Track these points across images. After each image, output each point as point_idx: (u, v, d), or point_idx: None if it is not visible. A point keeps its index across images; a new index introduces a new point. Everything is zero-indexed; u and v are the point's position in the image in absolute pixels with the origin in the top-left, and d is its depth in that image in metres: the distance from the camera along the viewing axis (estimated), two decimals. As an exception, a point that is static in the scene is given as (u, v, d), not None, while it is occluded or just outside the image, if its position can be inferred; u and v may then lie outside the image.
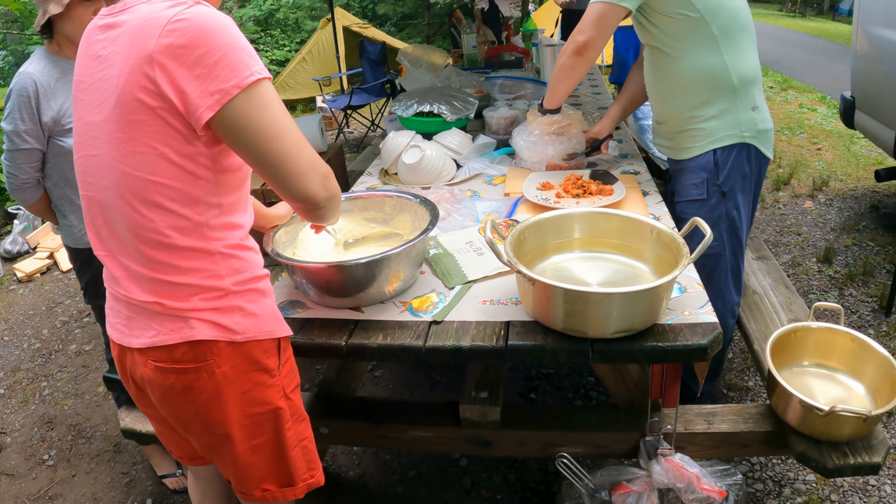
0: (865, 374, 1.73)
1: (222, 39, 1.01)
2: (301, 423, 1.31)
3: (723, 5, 1.84)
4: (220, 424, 1.20)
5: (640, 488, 1.60)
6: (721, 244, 1.98)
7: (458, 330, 1.36)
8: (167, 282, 1.13)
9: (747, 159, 1.94)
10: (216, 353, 1.15)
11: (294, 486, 1.31)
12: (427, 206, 1.61)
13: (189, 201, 1.10)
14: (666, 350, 1.26)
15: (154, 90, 1.02)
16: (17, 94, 1.79)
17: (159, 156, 1.06)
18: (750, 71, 1.91)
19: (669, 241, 1.38)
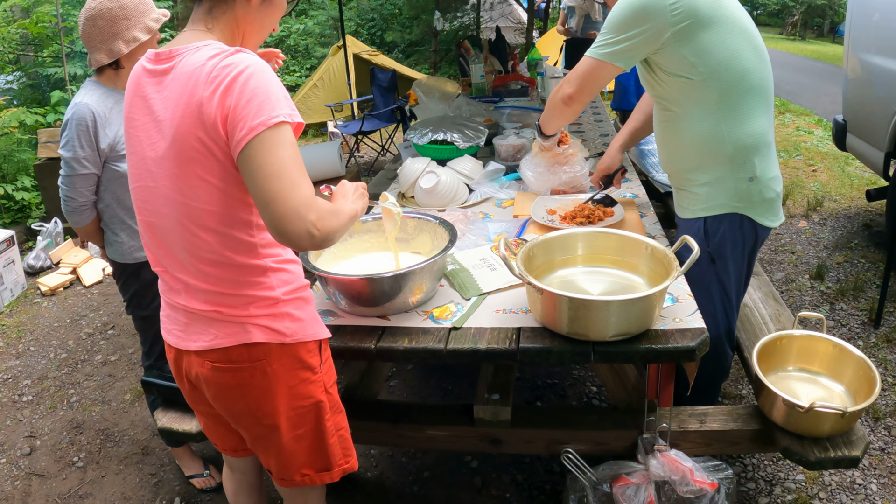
0: (845, 376, 1.89)
1: (257, 83, 1.15)
2: (338, 415, 1.48)
3: (728, 67, 1.75)
4: (270, 416, 1.37)
5: (639, 481, 1.75)
6: (713, 305, 1.96)
7: (475, 335, 1.54)
8: (225, 293, 1.29)
9: (739, 229, 1.89)
10: (268, 353, 1.32)
11: (331, 471, 1.48)
12: (446, 227, 1.79)
13: (241, 225, 1.26)
14: (659, 351, 1.43)
15: (203, 131, 1.17)
16: (76, 123, 1.95)
17: (211, 187, 1.22)
18: (751, 138, 1.81)
19: (661, 256, 1.56)
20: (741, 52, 1.76)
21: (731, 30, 1.75)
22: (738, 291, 2.01)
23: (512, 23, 15.05)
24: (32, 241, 5.18)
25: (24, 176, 5.84)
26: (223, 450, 1.65)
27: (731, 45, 1.74)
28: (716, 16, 1.73)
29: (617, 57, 1.79)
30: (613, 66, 1.80)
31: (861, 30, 4.08)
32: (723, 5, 1.76)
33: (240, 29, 1.31)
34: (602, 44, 1.81)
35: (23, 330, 3.94)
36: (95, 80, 2.06)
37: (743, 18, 1.82)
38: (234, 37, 1.30)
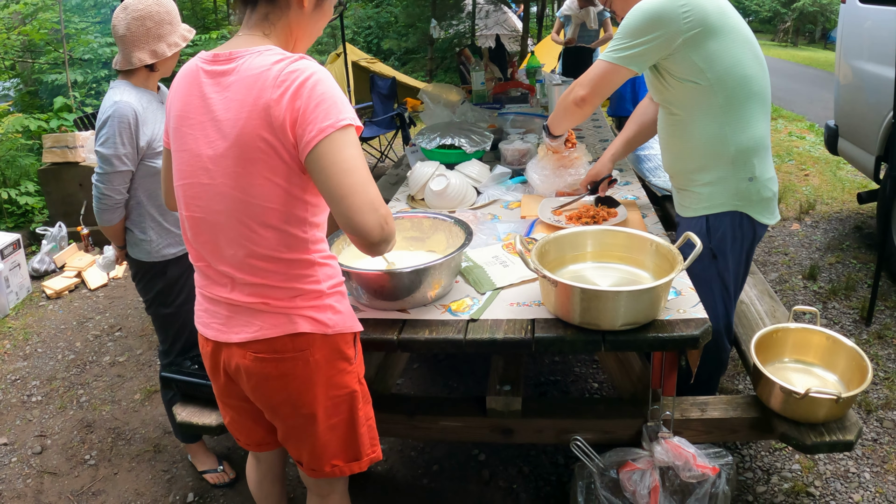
0: (838, 366, 1.99)
1: (324, 89, 1.24)
2: (368, 406, 1.54)
3: (732, 74, 1.84)
4: (309, 405, 1.43)
5: (644, 466, 1.83)
6: (713, 299, 2.05)
7: (492, 326, 1.62)
8: (274, 286, 1.35)
9: (739, 226, 1.98)
10: (312, 343, 1.38)
11: (360, 461, 1.54)
12: (461, 226, 1.87)
13: (297, 222, 1.33)
14: (665, 340, 1.51)
15: (270, 132, 1.24)
16: (118, 120, 2.01)
17: (273, 185, 1.28)
18: (751, 141, 1.91)
19: (666, 251, 1.65)
20: (744, 60, 1.87)
21: (736, 39, 1.85)
22: (736, 287, 2.10)
23: (507, 30, 15.20)
24: (36, 246, 5.23)
25: (26, 181, 5.89)
26: (246, 444, 1.69)
27: (735, 53, 1.85)
28: (723, 25, 1.83)
29: (631, 61, 1.86)
30: (627, 70, 1.88)
31: (852, 37, 4.21)
32: (728, 16, 1.86)
33: (293, 34, 1.39)
34: (617, 48, 1.88)
35: (29, 332, 3.99)
36: (126, 81, 2.11)
37: (745, 29, 1.92)
38: (288, 41, 1.38)
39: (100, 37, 8.29)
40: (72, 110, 6.36)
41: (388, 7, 13.42)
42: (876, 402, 2.77)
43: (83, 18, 8.70)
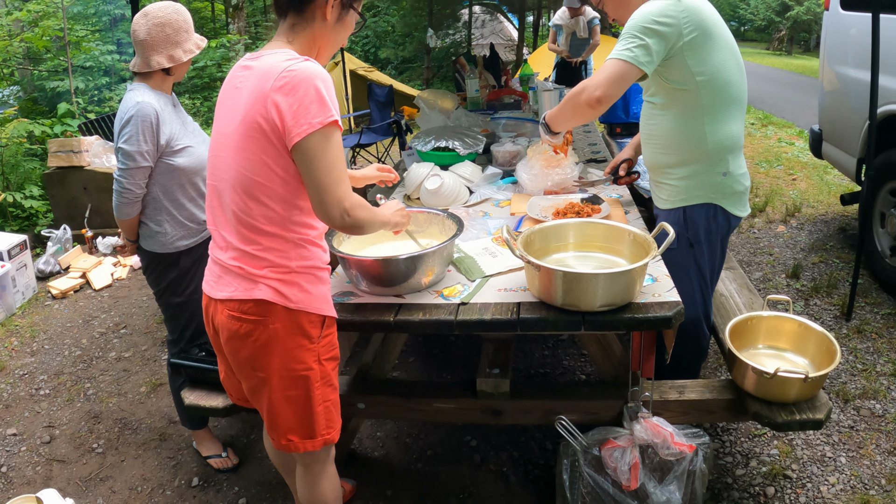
0: (808, 351, 2.12)
1: (318, 88, 1.42)
2: (328, 388, 1.65)
3: (718, 78, 1.98)
4: (264, 369, 1.58)
5: (625, 444, 1.96)
6: (691, 287, 2.18)
7: (481, 309, 1.75)
8: (250, 253, 1.53)
9: (714, 217, 2.12)
10: (274, 312, 1.53)
11: (314, 439, 1.66)
12: (453, 219, 2.02)
13: (279, 199, 1.50)
14: (640, 320, 1.65)
15: (266, 117, 1.43)
16: (140, 119, 2.13)
17: (264, 164, 1.47)
18: (728, 140, 2.05)
19: (643, 240, 1.79)
20: (728, 67, 2.01)
21: (722, 45, 2.00)
22: (712, 275, 2.24)
23: (502, 40, 15.41)
24: (40, 248, 5.35)
25: (31, 185, 6.02)
26: (237, 399, 1.84)
27: (721, 58, 1.99)
28: (714, 32, 1.97)
29: (637, 58, 1.90)
30: (637, 69, 1.91)
31: (836, 43, 4.34)
32: (718, 23, 2.00)
33: (316, 44, 1.58)
34: (626, 46, 1.92)
35: (36, 330, 4.10)
36: (144, 84, 2.24)
37: (729, 37, 2.07)
38: (311, 49, 1.57)
39: (101, 44, 8.44)
40: (75, 116, 6.49)
41: (385, 17, 13.60)
42: (854, 392, 2.89)
43: (84, 26, 8.84)
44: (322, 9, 1.53)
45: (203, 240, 2.37)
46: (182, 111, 2.39)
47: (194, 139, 2.31)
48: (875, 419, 2.72)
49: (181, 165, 2.24)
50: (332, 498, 1.83)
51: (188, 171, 2.27)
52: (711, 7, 2.03)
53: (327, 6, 1.53)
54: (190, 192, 2.31)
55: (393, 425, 2.79)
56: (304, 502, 1.83)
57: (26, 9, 7.86)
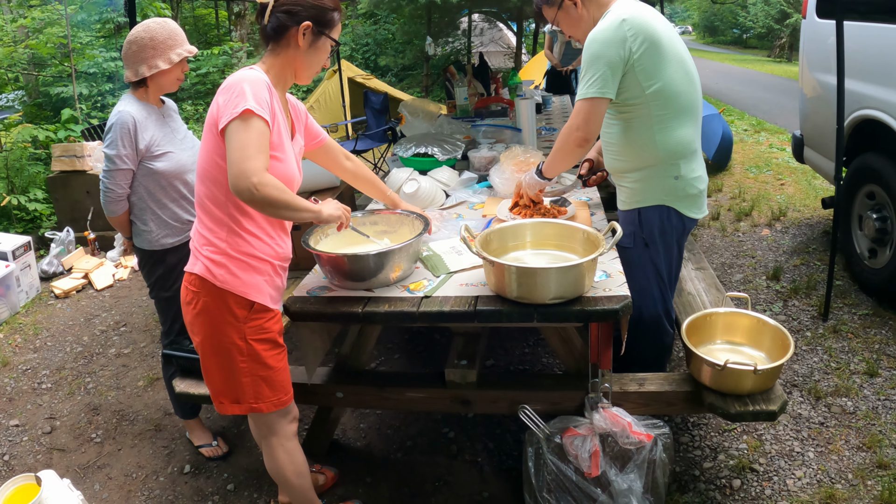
0: (764, 344, 2.24)
1: (239, 86, 1.66)
2: (257, 365, 1.84)
3: (666, 89, 2.09)
4: (198, 334, 1.84)
5: (585, 432, 2.07)
6: (649, 284, 2.31)
7: (442, 301, 1.89)
8: (198, 231, 1.81)
9: (668, 219, 2.23)
10: (205, 287, 1.78)
11: (240, 405, 1.87)
12: (421, 219, 2.16)
13: (218, 184, 1.75)
14: (589, 312, 1.77)
15: (212, 115, 1.71)
16: (119, 126, 2.32)
17: (209, 152, 1.74)
18: (678, 146, 2.16)
19: (595, 238, 1.91)
20: (676, 78, 2.12)
21: (670, 58, 2.11)
22: (670, 274, 2.35)
23: (502, 47, 15.56)
24: (44, 250, 5.50)
25: (35, 188, 6.18)
26: None
27: (669, 71, 2.10)
28: (661, 45, 2.07)
29: (600, 89, 2.05)
30: (602, 99, 2.07)
31: (815, 52, 4.44)
32: (667, 37, 2.11)
33: (292, 66, 1.82)
34: (585, 84, 2.08)
35: (39, 328, 4.25)
36: (132, 95, 2.43)
37: (680, 50, 2.18)
38: (286, 71, 1.82)
39: (104, 51, 8.61)
40: (78, 122, 6.66)
41: (385, 24, 13.77)
42: (826, 390, 2.97)
43: (88, 33, 9.02)
44: (294, 37, 1.76)
45: (188, 238, 2.50)
46: (174, 119, 2.54)
47: (177, 146, 2.46)
48: (846, 416, 2.80)
49: (160, 169, 2.40)
50: (291, 472, 2.03)
51: (167, 175, 2.43)
52: (659, 19, 2.14)
53: (299, 34, 1.76)
54: (172, 194, 2.46)
55: (375, 418, 2.92)
56: (270, 472, 2.07)
57: (31, 16, 8.05)
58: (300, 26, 1.75)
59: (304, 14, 1.75)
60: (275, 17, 1.74)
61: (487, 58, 13.35)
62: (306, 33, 1.76)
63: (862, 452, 2.57)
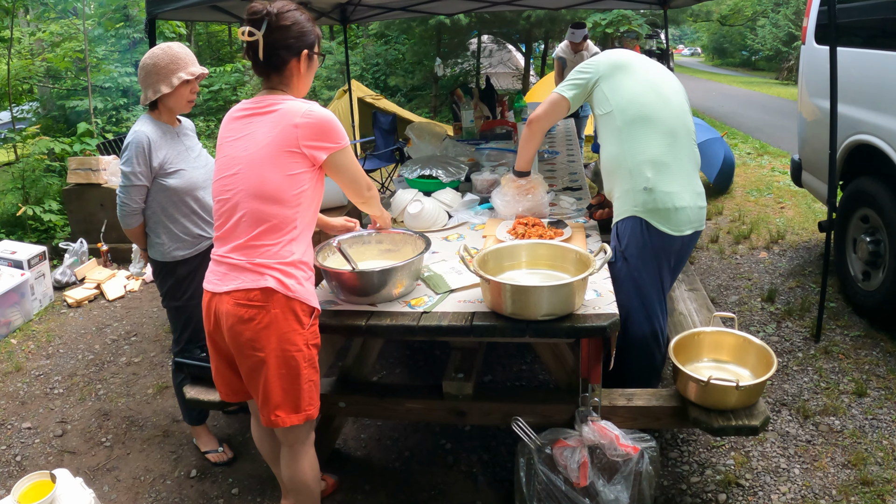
0: (749, 362, 2.34)
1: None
2: (311, 370, 1.93)
3: (630, 101, 2.38)
4: (263, 349, 1.85)
5: (574, 444, 2.17)
6: (629, 301, 2.40)
7: (440, 317, 2.01)
8: (257, 247, 1.85)
9: (641, 232, 2.35)
10: (275, 299, 1.83)
11: (298, 413, 1.93)
12: (423, 239, 2.29)
13: (287, 203, 1.85)
14: (578, 328, 1.89)
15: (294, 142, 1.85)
16: (135, 145, 2.47)
17: (287, 176, 1.84)
18: (644, 157, 2.34)
19: (586, 259, 2.03)
20: (642, 94, 2.40)
21: (637, 78, 2.43)
22: (657, 292, 2.44)
23: (511, 69, 15.75)
24: (57, 260, 5.63)
25: (49, 199, 6.34)
26: (226, 396, 2.11)
27: (634, 87, 2.40)
28: (627, 66, 2.45)
29: (566, 90, 2.50)
30: (563, 97, 2.48)
31: (812, 77, 4.55)
32: (635, 63, 2.48)
33: (298, 88, 1.99)
34: (563, 84, 2.53)
35: (52, 335, 4.38)
36: (149, 115, 2.58)
37: (651, 73, 2.47)
38: (294, 90, 1.97)
39: (120, 66, 8.80)
40: (94, 135, 6.83)
41: (396, 45, 13.99)
42: (814, 409, 3.04)
43: (105, 48, 9.22)
44: (297, 66, 1.94)
45: (199, 252, 2.65)
46: (189, 138, 2.68)
47: (190, 164, 2.60)
48: (833, 434, 2.87)
49: (172, 186, 2.54)
50: (312, 478, 2.10)
51: (179, 191, 2.56)
52: (635, 55, 2.54)
53: (301, 63, 1.94)
54: (183, 209, 2.60)
55: (376, 428, 3.03)
56: (288, 481, 2.11)
57: (48, 30, 8.26)
58: (301, 56, 1.92)
59: (300, 45, 1.90)
60: (273, 54, 1.88)
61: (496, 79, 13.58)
62: (304, 60, 1.93)
63: (847, 470, 2.64)
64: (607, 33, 11.27)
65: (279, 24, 1.85)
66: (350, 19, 6.11)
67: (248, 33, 1.85)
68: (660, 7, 5.52)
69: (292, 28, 1.88)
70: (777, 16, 24.65)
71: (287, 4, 1.90)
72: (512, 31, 13.73)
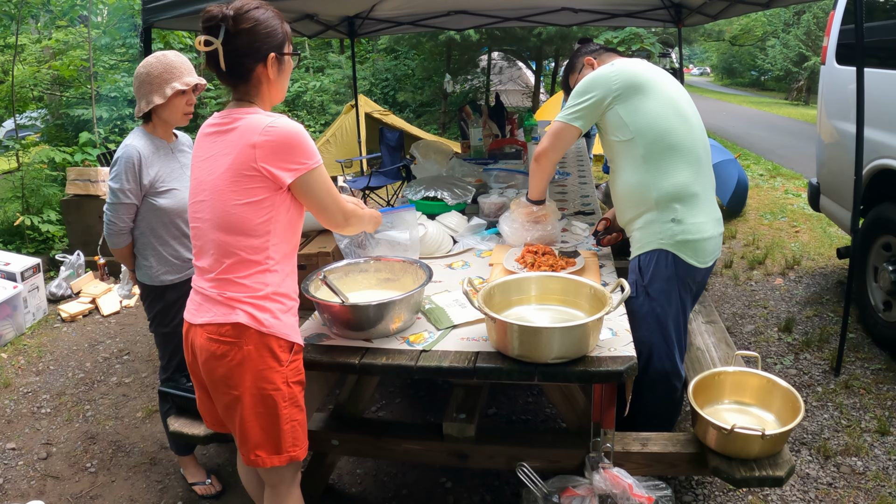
0: (774, 406, 2.17)
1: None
2: (295, 409, 1.77)
3: (652, 127, 2.16)
4: (237, 387, 1.70)
5: (584, 493, 2.01)
6: (650, 337, 2.25)
7: (441, 356, 1.85)
8: (228, 280, 1.69)
9: (666, 265, 2.20)
10: (248, 335, 1.67)
11: (280, 455, 1.77)
12: (424, 269, 2.13)
13: (254, 233, 1.67)
14: (592, 373, 1.73)
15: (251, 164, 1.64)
16: (124, 160, 2.32)
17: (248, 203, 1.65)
18: (673, 187, 2.17)
19: (601, 295, 1.87)
20: (665, 117, 2.19)
21: (658, 98, 2.20)
22: (677, 328, 2.29)
23: (521, 86, 15.65)
24: (54, 272, 5.53)
25: (49, 209, 6.24)
26: (211, 425, 1.95)
27: (656, 109, 2.19)
28: (646, 86, 2.20)
29: (575, 118, 2.26)
30: (573, 127, 2.25)
31: (833, 98, 4.41)
32: (655, 80, 2.23)
33: (269, 96, 1.78)
34: (565, 109, 2.29)
35: (43, 350, 4.25)
36: (142, 128, 2.44)
37: (672, 92, 2.25)
38: (268, 105, 1.78)
39: (126, 76, 8.74)
40: (96, 145, 6.74)
41: (405, 60, 13.92)
42: (835, 448, 2.89)
43: (111, 57, 9.17)
44: (264, 72, 1.72)
45: (188, 276, 2.49)
46: (185, 155, 2.53)
47: (183, 183, 2.45)
48: (855, 476, 2.72)
49: (163, 206, 2.40)
50: None
51: (170, 212, 2.42)
52: (648, 67, 2.29)
53: (267, 69, 1.72)
54: (173, 231, 2.46)
55: (373, 463, 2.86)
56: None
57: (55, 38, 8.20)
58: (267, 61, 1.71)
59: (264, 48, 1.69)
60: (236, 63, 1.68)
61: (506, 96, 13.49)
62: (272, 65, 1.72)
63: (870, 516, 2.48)
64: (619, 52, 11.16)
65: (238, 28, 1.65)
66: (358, 33, 6.00)
67: (205, 42, 1.65)
68: (674, 25, 5.39)
69: (254, 30, 1.66)
70: (787, 36, 24.53)
71: (247, 3, 1.69)
72: (522, 48, 13.65)
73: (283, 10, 1.79)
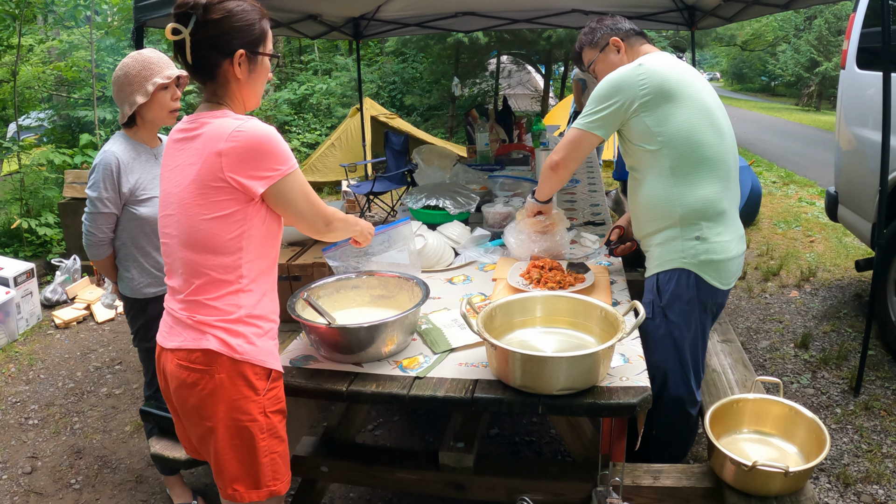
0: (797, 437, 2.00)
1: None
2: (274, 440, 1.61)
3: (684, 138, 1.96)
4: (210, 418, 1.55)
5: (591, 530, 1.86)
6: (666, 361, 2.09)
7: (436, 384, 1.69)
8: (197, 303, 1.55)
9: (687, 285, 2.03)
10: (220, 362, 1.52)
11: (259, 490, 1.61)
12: (421, 286, 1.96)
13: (226, 250, 1.52)
14: (601, 406, 1.57)
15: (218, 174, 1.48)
16: (102, 167, 2.19)
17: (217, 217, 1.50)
18: (699, 203, 1.99)
19: (613, 318, 1.71)
20: (698, 127, 1.98)
21: (691, 106, 1.98)
22: (694, 352, 2.11)
23: (529, 90, 15.50)
24: (51, 276, 5.42)
25: (47, 213, 6.14)
26: (190, 452, 1.80)
27: (688, 119, 1.97)
28: (678, 92, 1.97)
29: (596, 126, 2.04)
30: (593, 135, 2.04)
31: (853, 104, 4.23)
32: (687, 85, 2.00)
33: (239, 98, 1.60)
34: (584, 116, 2.06)
35: (35, 358, 4.13)
36: (123, 133, 2.31)
37: (706, 99, 2.04)
38: (238, 108, 1.60)
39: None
40: (96, 147, 6.64)
41: (413, 63, 13.77)
42: (855, 476, 2.73)
43: (116, 59, 9.11)
44: (230, 70, 1.54)
45: None
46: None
47: None
48: (877, 506, 2.56)
49: (144, 215, 2.27)
50: None
51: (151, 222, 2.28)
52: (680, 68, 2.03)
53: (234, 66, 1.54)
54: (155, 242, 2.32)
55: (367, 488, 2.71)
56: None
57: (60, 39, 8.13)
58: (234, 57, 1.53)
59: (233, 42, 1.52)
60: (200, 55, 1.52)
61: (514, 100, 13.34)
62: (242, 63, 1.54)
63: (894, 552, 2.33)
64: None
65: (207, 18, 1.48)
66: (363, 34, 5.87)
67: (173, 31, 1.48)
68: (687, 28, 5.24)
69: (224, 22, 1.49)
70: (799, 41, 24.26)
71: None
72: (532, 51, 13.49)
73: (283, 9, 1.64)
